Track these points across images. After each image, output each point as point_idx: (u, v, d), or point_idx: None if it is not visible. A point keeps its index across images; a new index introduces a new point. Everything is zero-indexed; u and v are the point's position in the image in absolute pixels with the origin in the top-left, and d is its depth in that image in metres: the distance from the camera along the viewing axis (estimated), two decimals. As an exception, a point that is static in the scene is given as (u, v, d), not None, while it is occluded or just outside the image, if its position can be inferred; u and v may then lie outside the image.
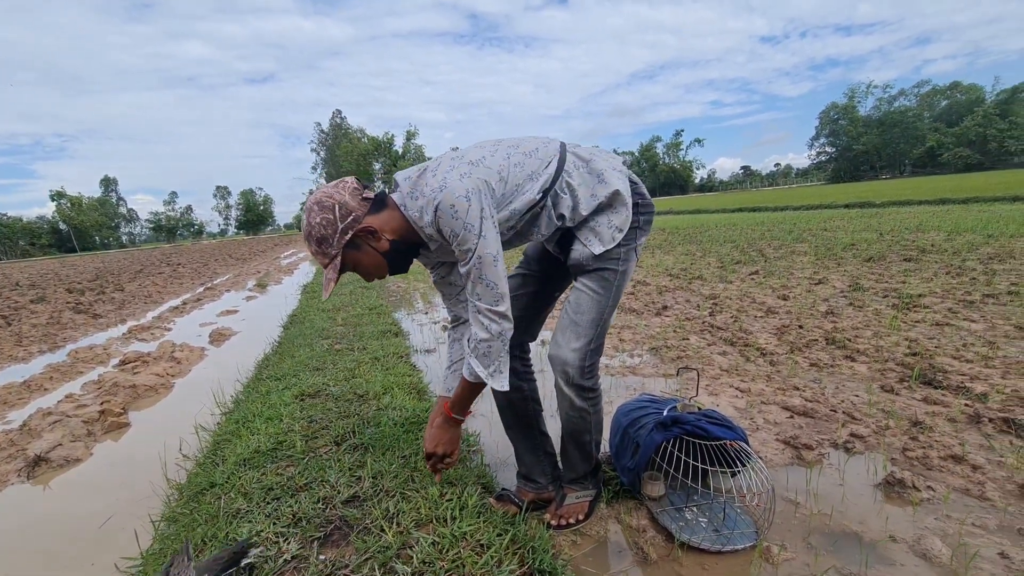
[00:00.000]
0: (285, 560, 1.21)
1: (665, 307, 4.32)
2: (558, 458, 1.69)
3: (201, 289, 9.90)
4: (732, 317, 3.82)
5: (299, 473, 1.64)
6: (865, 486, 1.65)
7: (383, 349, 3.16)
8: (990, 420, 1.94)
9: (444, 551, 1.20)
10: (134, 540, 1.65)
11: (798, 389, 2.40)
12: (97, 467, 2.47)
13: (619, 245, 1.43)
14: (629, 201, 1.43)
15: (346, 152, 70.02)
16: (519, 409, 1.64)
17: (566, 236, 1.50)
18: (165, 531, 1.59)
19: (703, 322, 3.74)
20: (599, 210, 1.43)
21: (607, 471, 1.75)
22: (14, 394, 3.69)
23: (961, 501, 1.53)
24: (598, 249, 1.43)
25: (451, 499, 1.42)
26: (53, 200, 78.25)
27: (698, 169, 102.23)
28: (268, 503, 1.48)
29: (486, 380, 1.35)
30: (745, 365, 2.81)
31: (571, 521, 1.55)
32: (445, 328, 4.30)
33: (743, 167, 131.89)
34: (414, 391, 2.42)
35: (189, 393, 3.47)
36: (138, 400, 3.38)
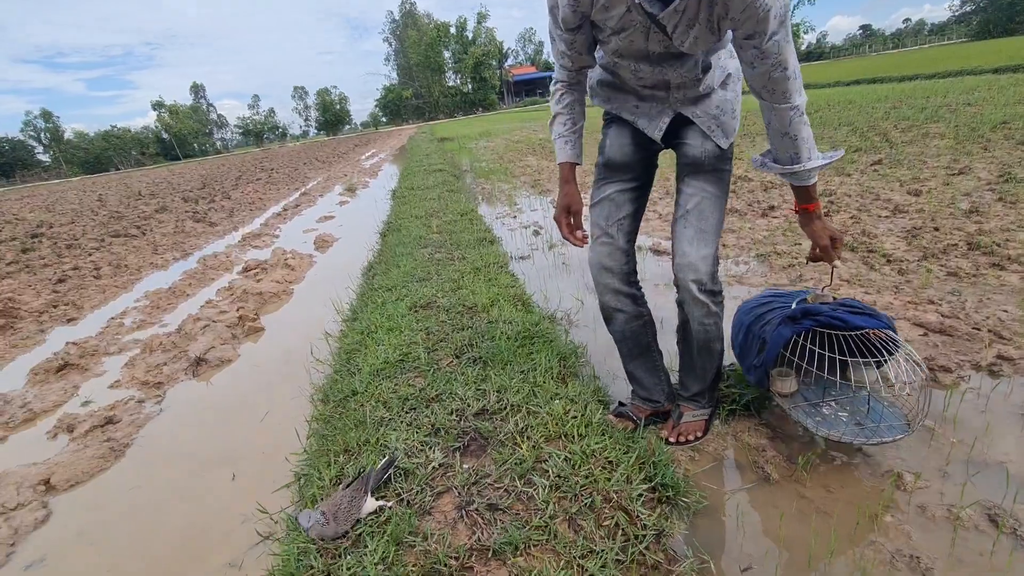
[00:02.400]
0: (433, 467, 1.36)
1: (772, 207, 4.01)
2: (673, 374, 1.73)
3: (296, 195, 10.46)
4: (851, 217, 3.48)
5: (428, 385, 1.79)
6: (1014, 415, 1.54)
7: (482, 258, 3.24)
8: None
9: (576, 467, 1.30)
10: (291, 433, 1.93)
11: (933, 303, 2.20)
12: (246, 367, 2.84)
13: (729, 156, 1.44)
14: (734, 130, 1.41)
15: (414, 42, 67.34)
16: (640, 336, 1.63)
17: (678, 125, 1.44)
18: (320, 430, 1.83)
19: (816, 224, 3.45)
20: (721, 86, 1.38)
21: (723, 389, 1.74)
22: (164, 299, 4.23)
23: None
24: (724, 143, 1.40)
25: (575, 416, 1.50)
26: (154, 109, 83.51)
27: (806, 33, 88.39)
28: (406, 412, 1.65)
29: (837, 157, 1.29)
30: (869, 274, 2.60)
31: (689, 439, 1.59)
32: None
33: (862, 27, 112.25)
34: (519, 303, 2.49)
35: (308, 298, 3.81)
36: (266, 306, 3.76)
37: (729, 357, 1.72)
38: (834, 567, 1.14)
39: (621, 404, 1.74)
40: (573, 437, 1.42)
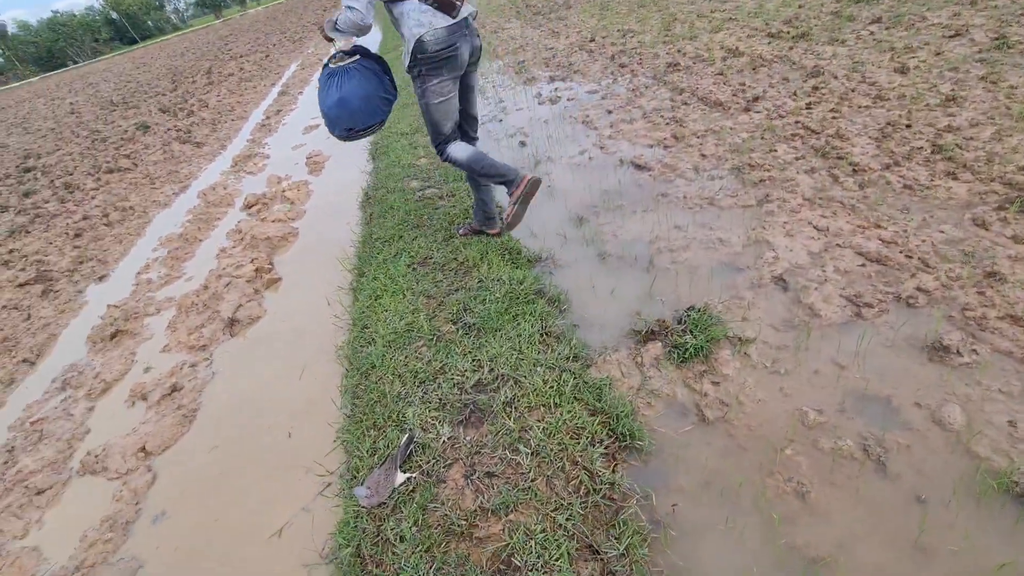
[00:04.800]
0: (443, 441, 1.77)
1: (756, 98, 3.96)
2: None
3: (275, 94, 10.04)
4: (831, 110, 3.48)
5: (433, 356, 2.15)
6: (913, 348, 1.87)
7: (470, 196, 3.40)
8: (1076, 266, 1.94)
9: (551, 436, 1.69)
10: (327, 392, 2.36)
11: (879, 227, 2.41)
12: (274, 322, 3.21)
13: (414, 78, 2.38)
14: (407, 60, 2.29)
15: None
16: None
17: None
18: (351, 399, 2.24)
19: (796, 122, 3.47)
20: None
21: (676, 337, 2.07)
22: (179, 248, 4.51)
23: (999, 365, 1.72)
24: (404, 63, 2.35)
25: (552, 386, 1.87)
26: (92, -15, 74.72)
27: None
28: (417, 386, 2.03)
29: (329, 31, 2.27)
30: (831, 189, 2.76)
31: (512, 220, 2.54)
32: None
33: None
34: (507, 255, 2.74)
35: (313, 239, 4.05)
36: (276, 251, 4.03)
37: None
38: (740, 496, 1.57)
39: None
40: (550, 406, 1.80)
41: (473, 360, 2.07)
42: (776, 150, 3.23)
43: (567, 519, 1.46)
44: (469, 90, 2.57)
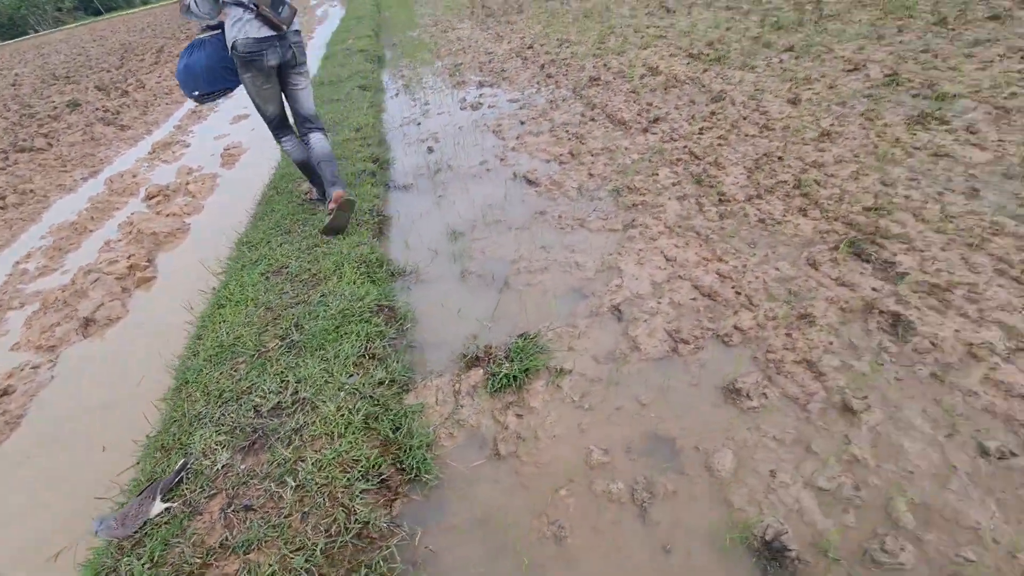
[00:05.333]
0: (218, 468, 1.69)
1: (657, 119, 3.97)
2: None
3: (218, 79, 9.71)
4: (720, 137, 3.51)
5: (245, 374, 2.06)
6: (713, 388, 1.87)
7: (359, 195, 3.32)
8: (880, 313, 1.97)
9: (321, 468, 1.63)
10: (154, 398, 2.25)
11: (722, 260, 2.42)
12: (131, 325, 3.06)
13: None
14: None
15: None
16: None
17: None
18: (165, 412, 2.13)
19: (685, 147, 3.49)
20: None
21: (495, 366, 2.03)
22: (66, 238, 4.29)
23: (783, 411, 1.73)
24: None
25: (344, 413, 1.81)
26: (58, -49, 71.26)
27: None
28: (219, 406, 1.94)
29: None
30: (694, 218, 2.77)
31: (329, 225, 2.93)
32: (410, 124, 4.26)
33: None
34: (363, 267, 2.66)
35: (201, 237, 3.90)
36: (161, 247, 3.86)
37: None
38: (505, 538, 1.53)
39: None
40: (334, 436, 1.73)
41: (281, 381, 1.99)
42: (658, 174, 3.24)
43: (305, 561, 1.40)
44: (295, 90, 2.88)
